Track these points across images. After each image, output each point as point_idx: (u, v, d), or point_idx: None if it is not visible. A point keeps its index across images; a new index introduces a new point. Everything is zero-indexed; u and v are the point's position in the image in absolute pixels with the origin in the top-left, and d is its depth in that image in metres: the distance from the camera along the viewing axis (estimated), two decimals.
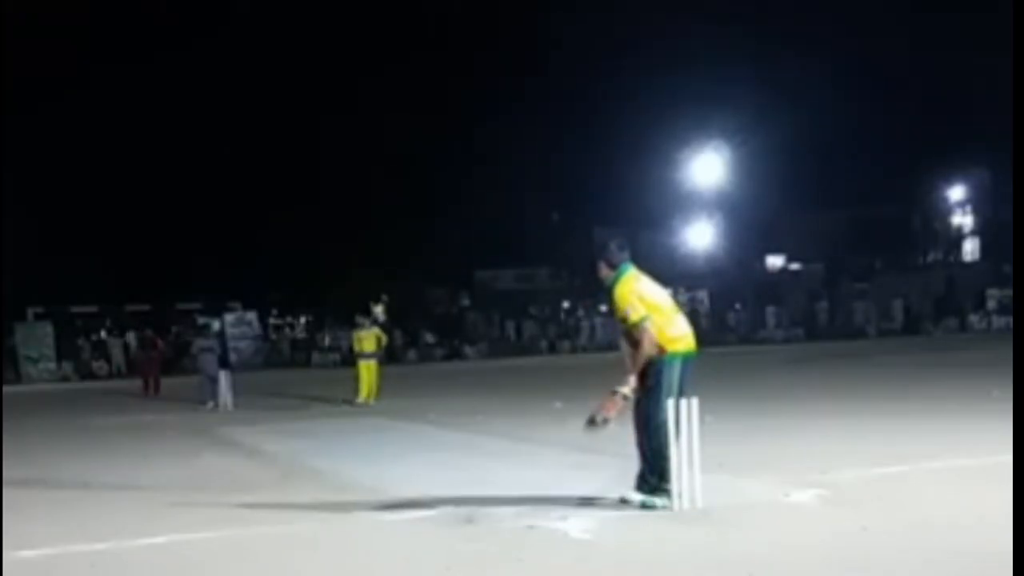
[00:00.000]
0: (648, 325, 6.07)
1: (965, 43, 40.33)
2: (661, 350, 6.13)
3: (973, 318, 39.96)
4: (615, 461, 8.08)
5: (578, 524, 5.82)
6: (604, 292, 6.68)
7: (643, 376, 6.13)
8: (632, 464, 6.29)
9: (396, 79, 45.16)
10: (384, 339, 17.58)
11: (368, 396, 15.98)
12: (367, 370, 16.22)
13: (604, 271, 6.41)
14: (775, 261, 53.07)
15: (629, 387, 6.09)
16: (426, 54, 45.53)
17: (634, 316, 6.13)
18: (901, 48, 42.91)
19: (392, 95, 44.58)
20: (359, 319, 17.74)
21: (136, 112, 40.81)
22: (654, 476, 6.11)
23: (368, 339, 16.63)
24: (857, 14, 43.20)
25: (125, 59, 40.26)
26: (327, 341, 38.02)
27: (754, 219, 46.15)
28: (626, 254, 6.39)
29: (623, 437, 8.54)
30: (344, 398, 16.34)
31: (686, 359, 6.22)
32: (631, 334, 6.17)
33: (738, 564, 4.87)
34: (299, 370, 32.61)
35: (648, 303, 6.19)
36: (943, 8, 42.32)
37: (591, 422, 6.18)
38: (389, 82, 44.85)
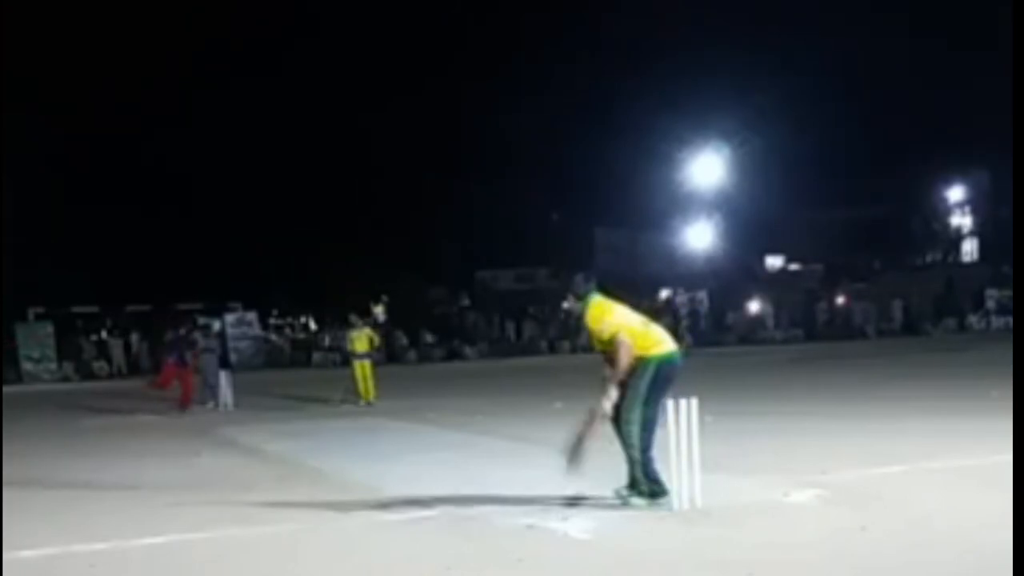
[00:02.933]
0: (623, 337, 6.15)
1: (964, 43, 40.36)
2: (640, 358, 6.17)
3: (972, 318, 39.94)
4: (615, 461, 8.08)
5: (578, 524, 5.83)
6: (575, 324, 6.81)
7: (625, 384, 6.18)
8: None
9: (396, 80, 45.19)
10: (377, 340, 17.48)
11: (366, 396, 15.92)
12: (361, 369, 16.16)
13: (571, 302, 6.53)
14: (774, 261, 53.05)
15: (609, 402, 6.14)
16: (426, 55, 45.55)
17: (608, 331, 6.23)
18: (900, 48, 42.92)
19: (392, 96, 44.61)
20: (353, 319, 17.57)
21: (135, 112, 40.80)
22: (644, 477, 6.17)
23: (360, 340, 16.51)
24: (857, 14, 43.21)
25: (124, 59, 40.18)
26: (327, 341, 38.00)
27: (753, 219, 46.14)
28: (591, 285, 6.50)
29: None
30: (342, 398, 16.29)
31: (664, 363, 6.23)
32: (608, 352, 6.26)
33: (738, 564, 4.88)
34: (299, 370, 32.58)
35: (618, 324, 6.27)
36: (943, 7, 42.33)
37: (571, 459, 6.21)
38: (389, 83, 44.89)
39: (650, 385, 6.14)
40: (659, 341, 6.29)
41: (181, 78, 41.56)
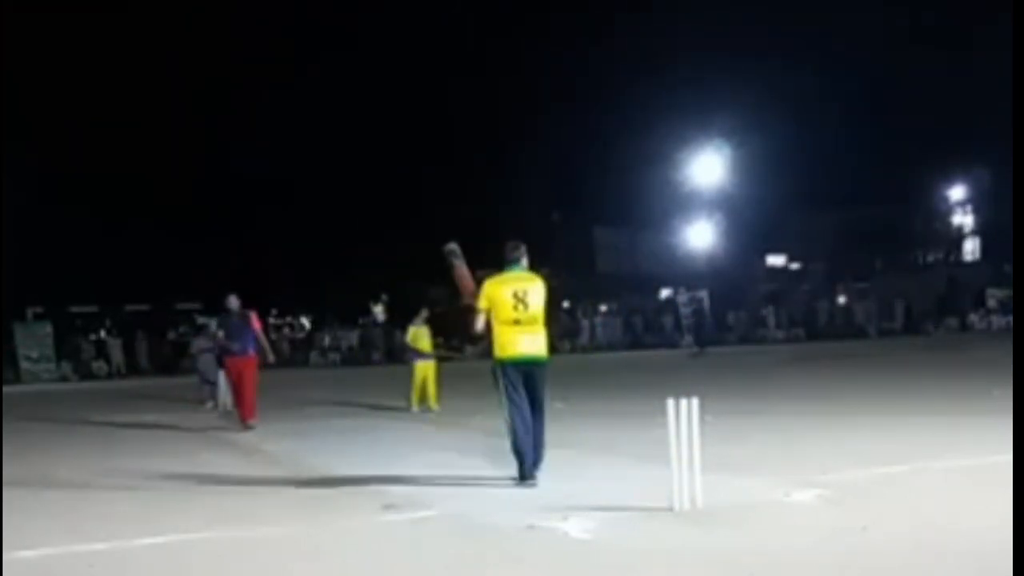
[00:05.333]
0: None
1: (965, 42, 40.32)
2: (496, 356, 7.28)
3: (973, 318, 39.90)
4: (614, 460, 8.07)
5: (578, 524, 5.82)
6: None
7: None
8: (629, 464, 6.31)
9: (393, 81, 45.16)
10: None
11: (425, 401, 14.10)
12: (423, 371, 14.05)
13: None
14: (776, 261, 53.01)
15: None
16: (427, 56, 45.52)
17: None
18: (901, 47, 42.90)
19: (390, 95, 44.61)
20: (423, 313, 14.77)
21: (133, 111, 40.76)
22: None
23: (424, 336, 14.27)
24: (857, 13, 43.19)
25: (120, 53, 40.09)
26: (327, 341, 37.97)
27: (755, 219, 46.08)
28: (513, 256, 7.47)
29: (623, 439, 8.55)
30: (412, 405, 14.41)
31: (512, 364, 7.19)
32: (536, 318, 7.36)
33: (739, 564, 4.87)
34: (297, 370, 32.54)
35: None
36: (943, 8, 42.31)
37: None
38: (386, 83, 44.86)
39: (513, 385, 7.24)
40: (509, 343, 7.32)
41: (180, 80, 41.55)
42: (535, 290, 7.24)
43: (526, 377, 7.18)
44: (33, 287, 35.06)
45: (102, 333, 39.21)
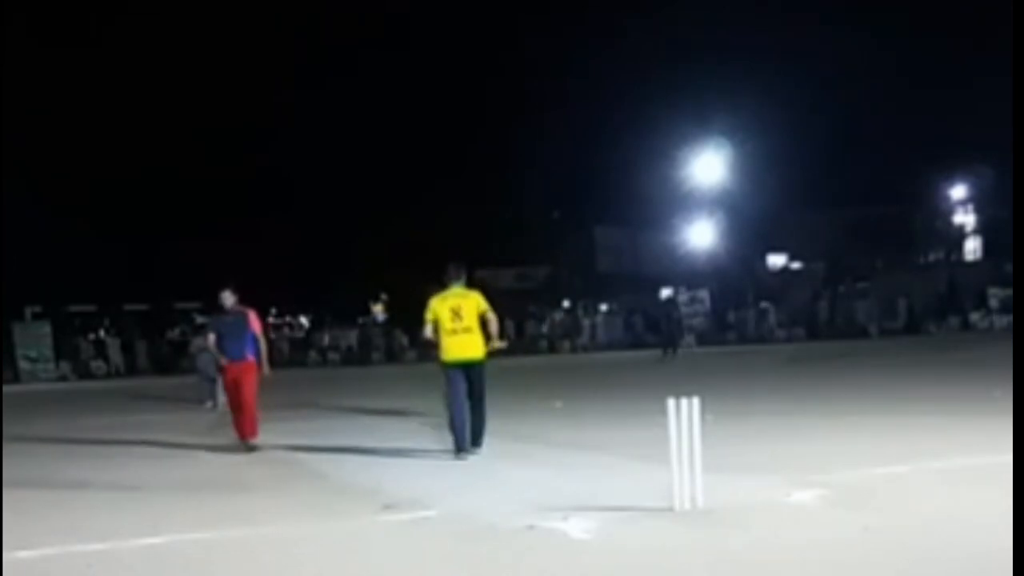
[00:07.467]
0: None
1: (966, 40, 40.28)
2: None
3: (975, 317, 39.83)
4: (615, 460, 8.06)
5: (578, 524, 5.81)
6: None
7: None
8: (629, 464, 6.30)
9: (395, 81, 45.13)
10: None
11: None
12: None
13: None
14: (776, 260, 52.96)
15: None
16: (427, 56, 45.49)
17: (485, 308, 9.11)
18: (902, 45, 42.85)
19: (391, 95, 44.60)
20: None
21: (132, 110, 40.68)
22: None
23: None
24: (858, 10, 43.17)
25: (117, 53, 40.01)
26: (326, 341, 37.93)
27: (755, 218, 46.03)
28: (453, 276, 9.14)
29: (622, 439, 8.54)
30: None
31: (452, 365, 8.90)
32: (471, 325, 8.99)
33: (739, 564, 4.86)
34: (296, 370, 32.51)
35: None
36: (944, 5, 42.27)
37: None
38: (388, 83, 44.84)
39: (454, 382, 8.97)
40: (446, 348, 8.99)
41: (182, 80, 41.51)
42: (468, 305, 8.94)
43: (465, 374, 8.89)
44: (31, 286, 34.99)
45: (101, 333, 39.17)
